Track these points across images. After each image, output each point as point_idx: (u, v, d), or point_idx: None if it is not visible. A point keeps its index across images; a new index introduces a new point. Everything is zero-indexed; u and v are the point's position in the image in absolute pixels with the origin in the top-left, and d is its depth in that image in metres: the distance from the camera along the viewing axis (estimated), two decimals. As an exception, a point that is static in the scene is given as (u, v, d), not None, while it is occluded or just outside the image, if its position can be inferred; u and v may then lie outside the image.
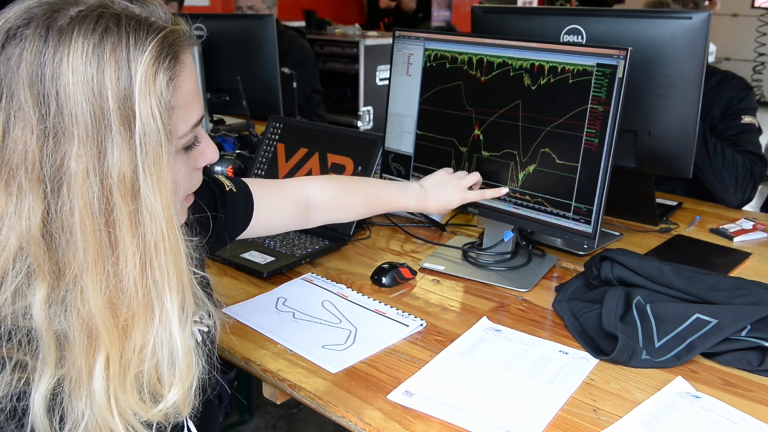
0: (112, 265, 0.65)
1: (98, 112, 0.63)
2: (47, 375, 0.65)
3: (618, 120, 1.23)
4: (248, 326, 1.22)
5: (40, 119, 0.62)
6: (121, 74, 0.64)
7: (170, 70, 0.68)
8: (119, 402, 0.67)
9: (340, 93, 5.05)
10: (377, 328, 1.22)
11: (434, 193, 1.36)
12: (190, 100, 0.73)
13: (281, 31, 3.28)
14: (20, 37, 0.63)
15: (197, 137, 0.77)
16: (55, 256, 0.65)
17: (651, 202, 1.72)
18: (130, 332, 0.67)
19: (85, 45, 0.63)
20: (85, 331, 0.65)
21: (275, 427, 2.45)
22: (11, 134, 0.63)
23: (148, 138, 0.65)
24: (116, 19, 0.65)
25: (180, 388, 0.71)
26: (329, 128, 1.76)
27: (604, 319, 1.16)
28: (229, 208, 1.10)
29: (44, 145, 0.62)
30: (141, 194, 0.65)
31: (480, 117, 1.43)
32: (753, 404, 1.02)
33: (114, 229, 0.65)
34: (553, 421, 0.98)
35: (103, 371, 0.66)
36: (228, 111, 2.71)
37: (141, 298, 0.67)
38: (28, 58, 0.62)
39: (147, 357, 0.68)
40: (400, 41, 1.55)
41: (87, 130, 0.63)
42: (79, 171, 0.63)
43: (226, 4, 6.04)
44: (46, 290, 0.65)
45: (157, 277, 0.68)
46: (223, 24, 2.53)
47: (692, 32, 1.41)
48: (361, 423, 0.98)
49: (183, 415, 0.74)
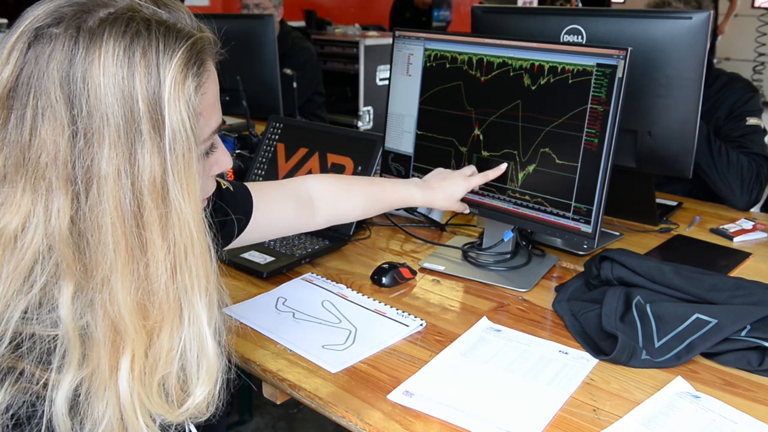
0: (143, 267, 0.65)
1: (129, 114, 0.63)
2: (70, 375, 0.65)
3: (618, 120, 1.23)
4: (248, 326, 1.22)
5: (71, 119, 0.63)
6: (151, 78, 0.64)
7: (198, 77, 0.69)
8: (143, 403, 0.67)
9: (340, 93, 5.06)
10: (377, 328, 1.22)
11: (438, 185, 1.36)
12: (212, 107, 0.74)
13: (286, 32, 3.28)
14: (50, 36, 0.63)
15: (214, 144, 0.78)
16: (84, 256, 0.65)
17: (651, 202, 1.72)
18: (159, 334, 0.67)
19: (116, 48, 0.63)
20: (112, 332, 0.65)
21: (275, 427, 2.45)
22: (40, 133, 0.63)
23: (178, 143, 0.65)
24: (146, 23, 0.65)
25: (207, 386, 0.72)
26: (329, 128, 1.77)
27: (604, 319, 1.16)
28: (228, 206, 1.10)
29: (75, 146, 0.63)
30: (171, 197, 0.66)
31: (480, 117, 1.43)
32: (753, 404, 1.02)
33: (145, 231, 0.65)
34: (553, 421, 0.98)
35: (128, 372, 0.66)
36: (228, 111, 2.71)
37: (172, 301, 0.67)
38: (59, 57, 0.63)
39: (175, 358, 0.69)
40: (400, 41, 1.55)
41: (118, 132, 0.63)
42: (110, 172, 0.63)
43: (226, 4, 6.04)
44: (73, 289, 0.65)
45: (187, 281, 0.68)
46: (223, 24, 2.52)
47: (692, 32, 1.41)
48: (361, 423, 0.98)
49: (205, 416, 0.74)
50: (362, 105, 4.89)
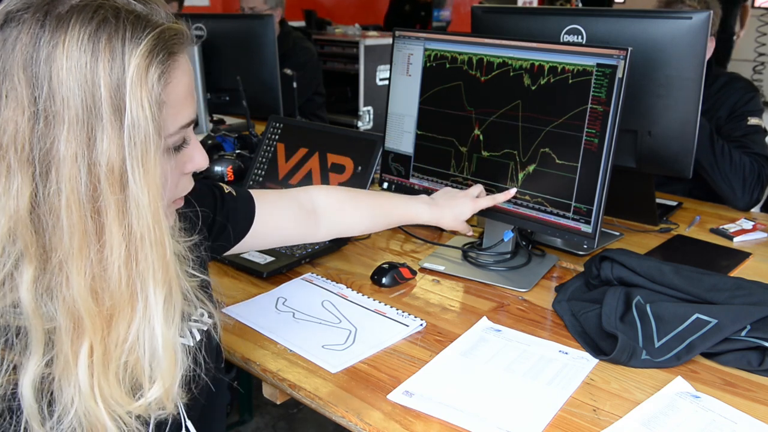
0: (96, 252, 0.66)
1: (89, 99, 0.64)
2: (35, 359, 0.65)
3: (618, 120, 1.23)
4: (248, 326, 1.22)
5: (31, 101, 0.63)
6: (115, 65, 0.64)
7: (162, 65, 0.68)
8: (103, 391, 0.67)
9: (340, 93, 5.06)
10: (377, 328, 1.22)
11: (446, 204, 1.35)
12: (181, 100, 0.73)
13: (287, 32, 3.29)
14: (18, 20, 0.64)
15: (186, 139, 0.77)
16: (42, 239, 0.65)
17: (651, 202, 1.72)
18: (114, 322, 0.68)
19: (81, 33, 0.64)
20: (70, 317, 0.66)
21: (275, 427, 2.45)
22: (2, 114, 0.64)
23: (137, 130, 0.65)
24: (115, 11, 0.66)
25: (161, 386, 0.71)
26: (329, 128, 1.77)
27: (603, 319, 1.16)
28: (230, 209, 1.10)
29: (35, 127, 0.63)
30: (128, 185, 0.66)
31: (480, 117, 1.43)
32: (753, 404, 1.02)
33: (100, 216, 0.65)
34: (553, 421, 0.98)
35: (86, 359, 0.66)
36: (228, 111, 2.72)
37: (124, 289, 0.67)
38: (24, 40, 0.63)
39: (128, 350, 0.69)
40: (400, 41, 1.55)
41: (78, 115, 0.63)
42: (68, 155, 0.63)
43: (226, 4, 6.05)
44: (33, 273, 0.65)
45: (142, 269, 0.68)
46: (223, 24, 2.53)
47: (692, 32, 1.41)
48: (361, 423, 0.98)
49: (168, 411, 0.74)
50: (362, 105, 4.89)
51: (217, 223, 1.07)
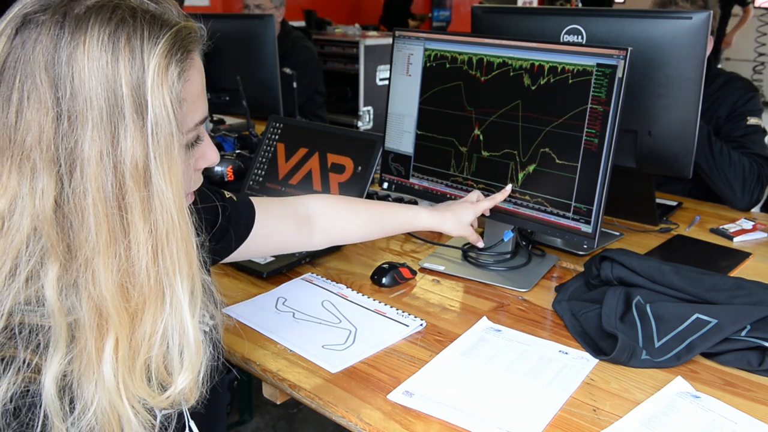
0: (124, 249, 0.67)
1: (112, 98, 0.64)
2: (58, 356, 0.66)
3: (618, 120, 1.23)
4: (248, 326, 1.22)
5: (55, 102, 0.64)
6: (135, 64, 0.65)
7: (181, 63, 0.70)
8: (128, 387, 0.68)
9: (340, 93, 5.06)
10: (377, 328, 1.22)
11: (447, 209, 1.35)
12: (196, 97, 0.75)
13: (287, 32, 3.29)
14: (37, 22, 0.65)
15: (199, 136, 0.78)
16: (68, 237, 0.66)
17: (651, 202, 1.72)
18: (141, 317, 0.68)
19: (101, 33, 0.65)
20: (96, 314, 0.66)
21: (275, 427, 2.45)
22: (25, 115, 0.64)
23: (160, 127, 0.67)
24: (132, 11, 0.67)
25: (190, 374, 0.72)
26: (329, 128, 1.76)
27: (603, 319, 1.16)
28: (231, 214, 1.11)
29: (59, 128, 0.64)
30: (153, 181, 0.67)
31: (480, 117, 1.43)
32: (753, 404, 1.02)
33: (126, 213, 0.66)
34: (553, 421, 0.98)
35: (112, 355, 0.67)
36: (228, 111, 2.71)
37: (153, 284, 0.68)
38: (45, 42, 0.64)
39: (156, 343, 0.70)
40: (400, 41, 1.55)
41: (101, 115, 0.64)
42: (93, 155, 0.64)
43: (226, 4, 6.05)
44: (58, 271, 0.66)
45: (168, 264, 0.69)
46: (223, 24, 2.53)
47: (692, 32, 1.41)
48: (361, 423, 0.98)
49: (190, 403, 0.75)
50: (362, 105, 4.90)
51: (219, 225, 1.08)
